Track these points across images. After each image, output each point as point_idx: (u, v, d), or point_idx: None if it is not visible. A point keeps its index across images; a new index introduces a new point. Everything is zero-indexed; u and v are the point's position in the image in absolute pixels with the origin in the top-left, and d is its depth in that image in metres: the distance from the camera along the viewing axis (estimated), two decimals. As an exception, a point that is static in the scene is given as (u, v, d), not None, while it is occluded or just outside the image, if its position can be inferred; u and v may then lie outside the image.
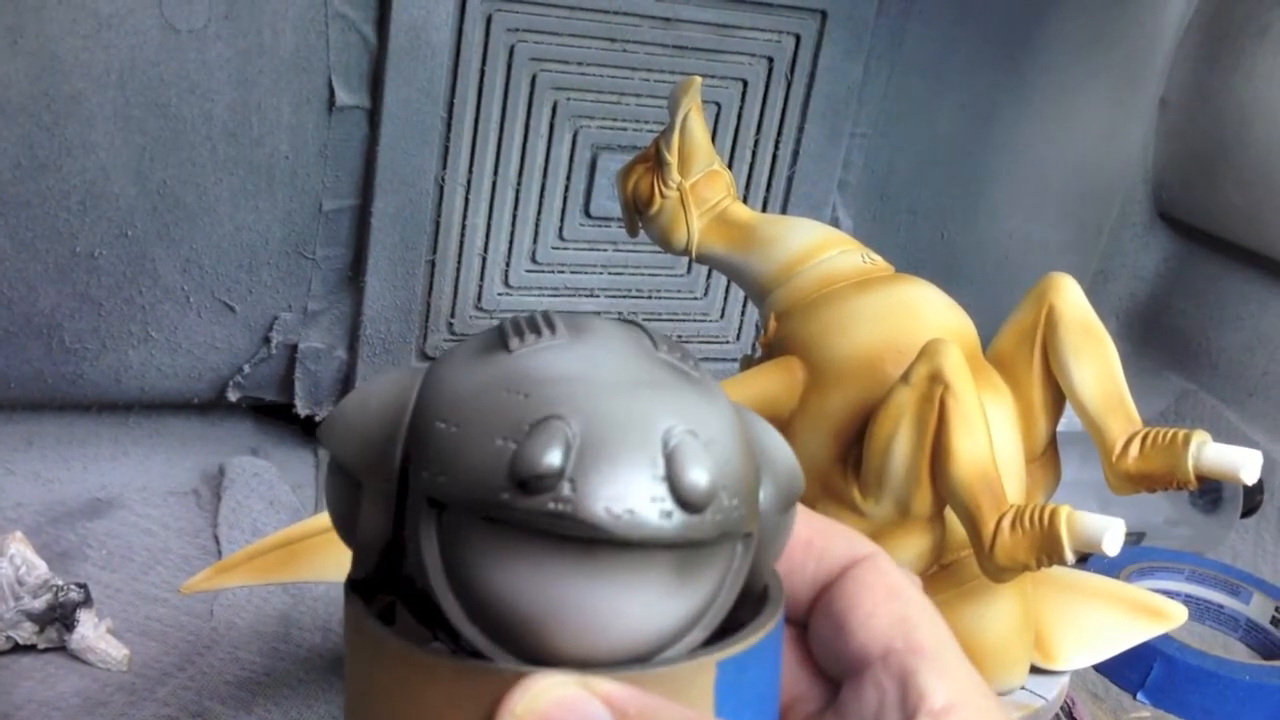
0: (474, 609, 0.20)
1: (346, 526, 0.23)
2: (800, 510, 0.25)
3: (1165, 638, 0.67)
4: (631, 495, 0.19)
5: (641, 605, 0.20)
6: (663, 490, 0.20)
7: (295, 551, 0.50)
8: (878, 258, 0.55)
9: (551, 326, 0.22)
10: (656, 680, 0.20)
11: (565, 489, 0.19)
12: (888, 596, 0.24)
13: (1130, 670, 0.72)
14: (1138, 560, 0.80)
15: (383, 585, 0.23)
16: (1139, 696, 0.72)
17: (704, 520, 0.20)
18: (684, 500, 0.20)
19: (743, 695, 0.22)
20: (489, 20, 0.75)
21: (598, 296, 0.87)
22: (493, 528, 0.20)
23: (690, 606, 0.21)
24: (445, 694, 0.20)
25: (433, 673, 0.21)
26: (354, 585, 0.23)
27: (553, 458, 0.19)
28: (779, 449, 0.23)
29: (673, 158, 0.57)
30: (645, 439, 0.20)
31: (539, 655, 0.20)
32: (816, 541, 0.26)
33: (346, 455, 0.22)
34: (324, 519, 0.51)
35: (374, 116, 0.75)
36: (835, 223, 0.92)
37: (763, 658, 0.22)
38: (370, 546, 0.22)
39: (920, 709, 0.22)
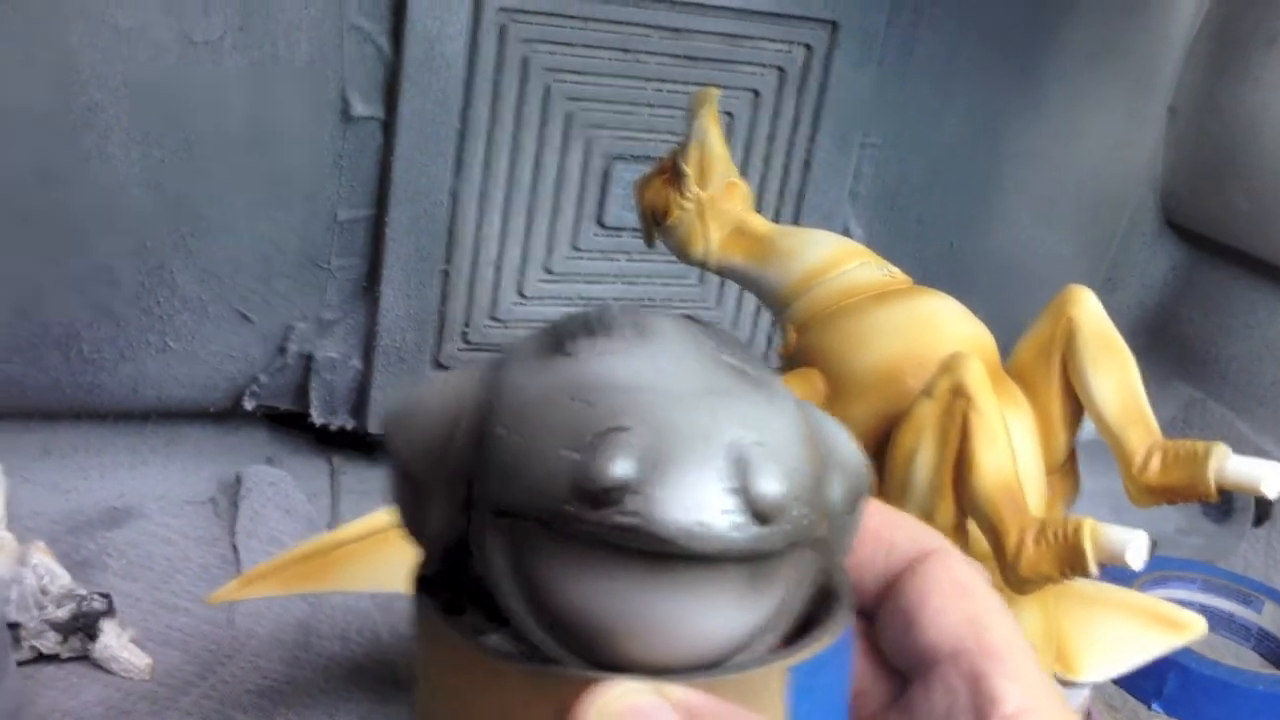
0: (543, 615, 0.20)
1: (412, 525, 0.23)
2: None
3: (1180, 648, 0.67)
4: (701, 508, 0.19)
5: (713, 615, 0.20)
6: (733, 502, 0.19)
7: (321, 563, 0.50)
8: (896, 270, 0.55)
9: (613, 328, 0.22)
10: (730, 686, 0.20)
11: (633, 502, 0.19)
12: (958, 593, 0.24)
13: (1146, 681, 0.72)
14: (1150, 570, 0.80)
15: (448, 580, 0.23)
16: (1154, 706, 0.72)
17: (775, 531, 0.20)
18: (755, 512, 0.19)
19: (816, 699, 0.22)
20: (503, 31, 0.75)
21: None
22: (560, 538, 0.20)
23: (762, 614, 0.21)
24: (516, 697, 0.20)
25: (504, 676, 0.21)
26: (421, 582, 0.23)
27: (619, 471, 0.19)
28: (846, 446, 0.23)
29: (691, 170, 0.57)
30: (713, 450, 0.19)
31: (610, 662, 0.20)
32: (884, 533, 0.25)
33: (408, 457, 0.22)
34: (350, 530, 0.51)
35: (389, 127, 0.75)
36: (846, 232, 0.92)
37: (835, 660, 0.22)
38: (436, 547, 0.22)
39: (992, 713, 0.22)
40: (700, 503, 0.19)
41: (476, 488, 0.21)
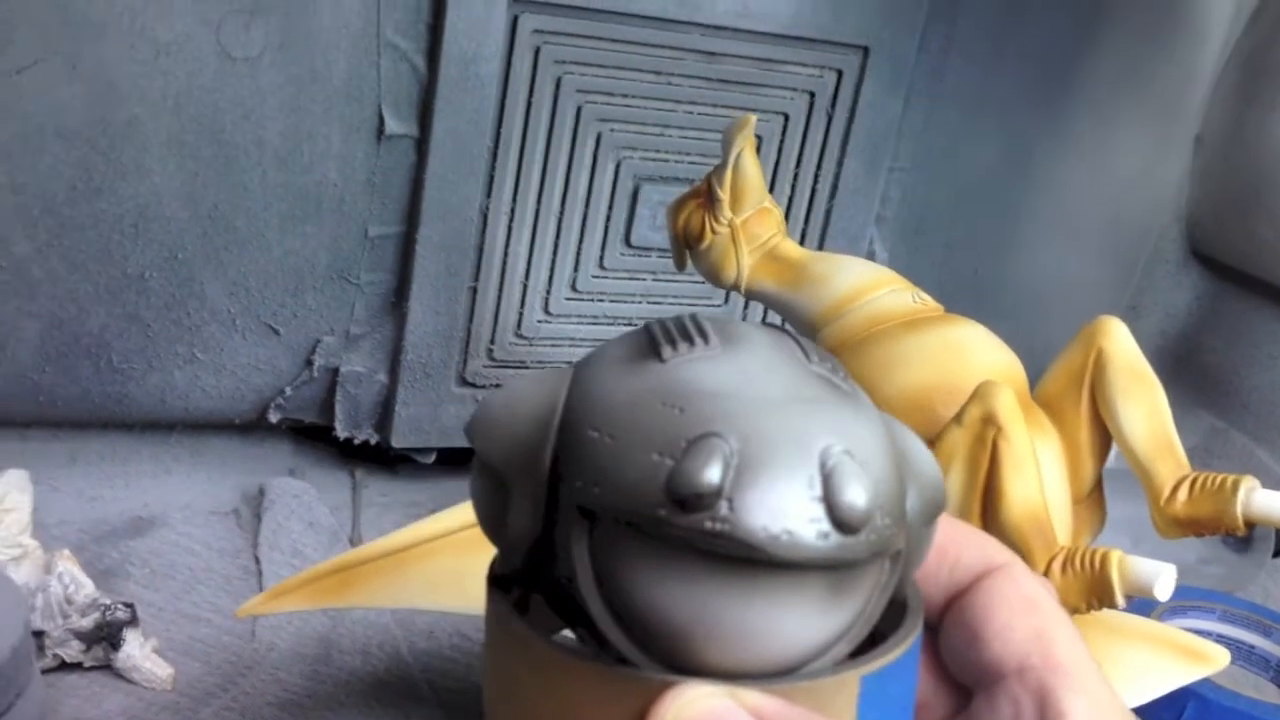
0: (623, 617, 0.20)
1: (493, 525, 0.23)
2: None
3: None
4: (789, 516, 0.19)
5: (793, 622, 0.20)
6: (820, 511, 0.20)
7: (349, 578, 0.51)
8: (928, 297, 0.55)
9: (704, 335, 0.22)
10: (803, 693, 0.21)
11: (723, 508, 0.19)
12: (1024, 608, 0.24)
13: (1164, 711, 0.72)
14: (1170, 599, 0.80)
15: (521, 580, 0.23)
16: (1173, 736, 0.72)
17: (859, 541, 0.20)
18: (841, 521, 0.20)
19: (884, 708, 0.22)
20: (537, 52, 0.76)
21: (637, 326, 0.87)
22: (646, 541, 0.20)
23: (840, 622, 0.21)
24: (591, 697, 0.21)
25: (579, 676, 0.21)
26: (495, 581, 0.23)
27: (711, 476, 0.19)
28: (925, 460, 0.23)
29: (725, 194, 0.57)
30: (803, 458, 0.20)
31: (687, 666, 0.20)
32: (951, 548, 0.25)
33: (495, 456, 0.22)
34: (377, 546, 0.52)
35: (422, 145, 0.76)
36: (871, 256, 0.93)
37: (903, 671, 0.22)
38: (517, 546, 0.22)
39: None
40: (788, 510, 0.19)
41: (564, 488, 0.21)
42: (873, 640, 0.22)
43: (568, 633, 0.23)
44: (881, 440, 0.21)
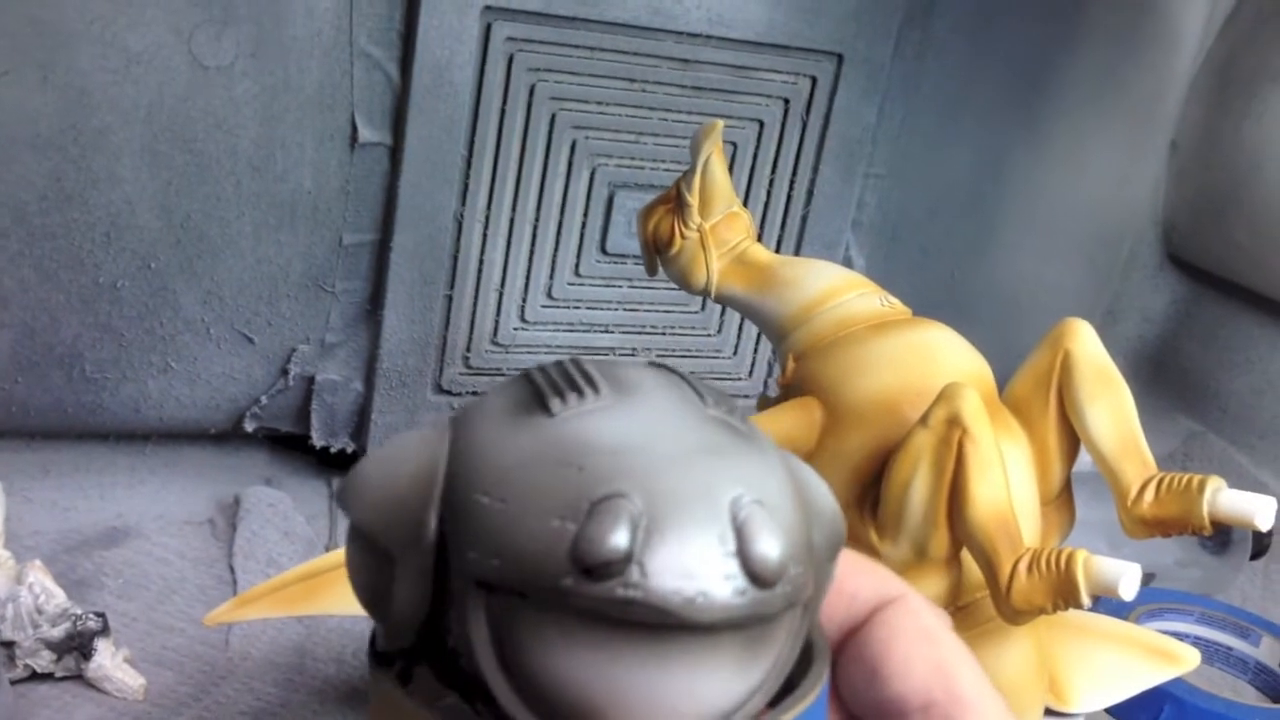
0: (530, 694, 0.19)
1: (376, 602, 0.21)
2: None
3: (1175, 680, 0.67)
4: (703, 575, 0.18)
5: (710, 685, 0.19)
6: (734, 567, 0.18)
7: (317, 584, 0.51)
8: (896, 301, 0.55)
9: (593, 384, 0.20)
10: None
11: (634, 573, 0.18)
12: (922, 641, 0.23)
13: (1140, 712, 0.72)
14: (1147, 602, 0.81)
15: (406, 652, 0.21)
16: (1149, 739, 0.72)
17: (774, 594, 0.19)
18: (756, 575, 0.19)
19: None
20: (511, 60, 0.76)
21: (612, 332, 0.87)
22: (551, 612, 0.18)
23: (756, 678, 0.20)
24: None
25: None
26: (380, 658, 0.21)
27: (619, 541, 0.18)
28: (823, 496, 0.22)
29: (694, 199, 0.57)
30: (713, 513, 0.19)
31: None
32: (846, 582, 0.24)
33: (376, 526, 0.20)
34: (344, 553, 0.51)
35: (395, 153, 0.76)
36: (848, 262, 0.93)
37: (815, 715, 0.22)
38: (407, 623, 0.20)
39: None
40: (702, 570, 0.18)
41: (454, 559, 0.19)
42: (787, 685, 0.21)
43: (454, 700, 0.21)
44: (785, 483, 0.20)
